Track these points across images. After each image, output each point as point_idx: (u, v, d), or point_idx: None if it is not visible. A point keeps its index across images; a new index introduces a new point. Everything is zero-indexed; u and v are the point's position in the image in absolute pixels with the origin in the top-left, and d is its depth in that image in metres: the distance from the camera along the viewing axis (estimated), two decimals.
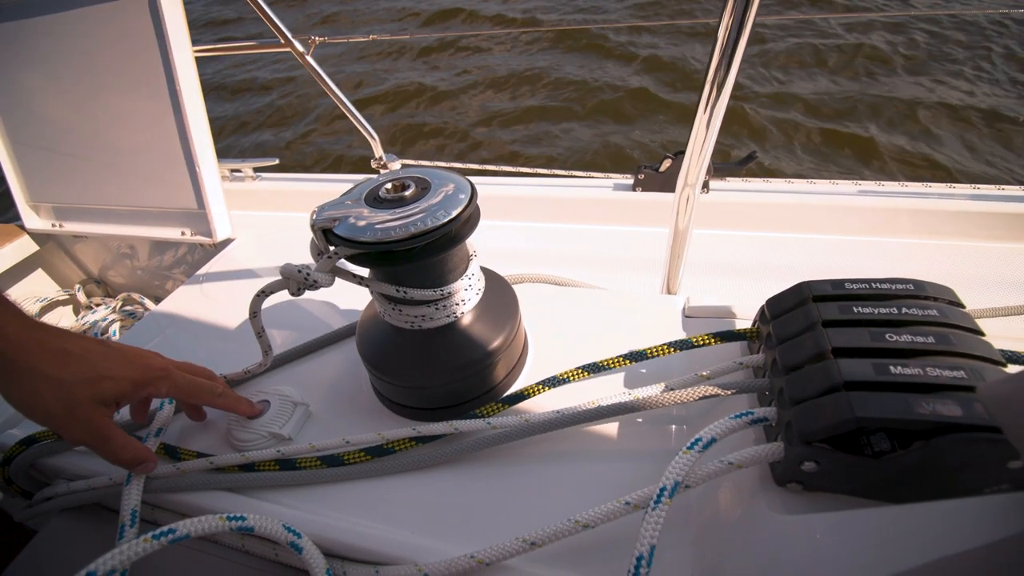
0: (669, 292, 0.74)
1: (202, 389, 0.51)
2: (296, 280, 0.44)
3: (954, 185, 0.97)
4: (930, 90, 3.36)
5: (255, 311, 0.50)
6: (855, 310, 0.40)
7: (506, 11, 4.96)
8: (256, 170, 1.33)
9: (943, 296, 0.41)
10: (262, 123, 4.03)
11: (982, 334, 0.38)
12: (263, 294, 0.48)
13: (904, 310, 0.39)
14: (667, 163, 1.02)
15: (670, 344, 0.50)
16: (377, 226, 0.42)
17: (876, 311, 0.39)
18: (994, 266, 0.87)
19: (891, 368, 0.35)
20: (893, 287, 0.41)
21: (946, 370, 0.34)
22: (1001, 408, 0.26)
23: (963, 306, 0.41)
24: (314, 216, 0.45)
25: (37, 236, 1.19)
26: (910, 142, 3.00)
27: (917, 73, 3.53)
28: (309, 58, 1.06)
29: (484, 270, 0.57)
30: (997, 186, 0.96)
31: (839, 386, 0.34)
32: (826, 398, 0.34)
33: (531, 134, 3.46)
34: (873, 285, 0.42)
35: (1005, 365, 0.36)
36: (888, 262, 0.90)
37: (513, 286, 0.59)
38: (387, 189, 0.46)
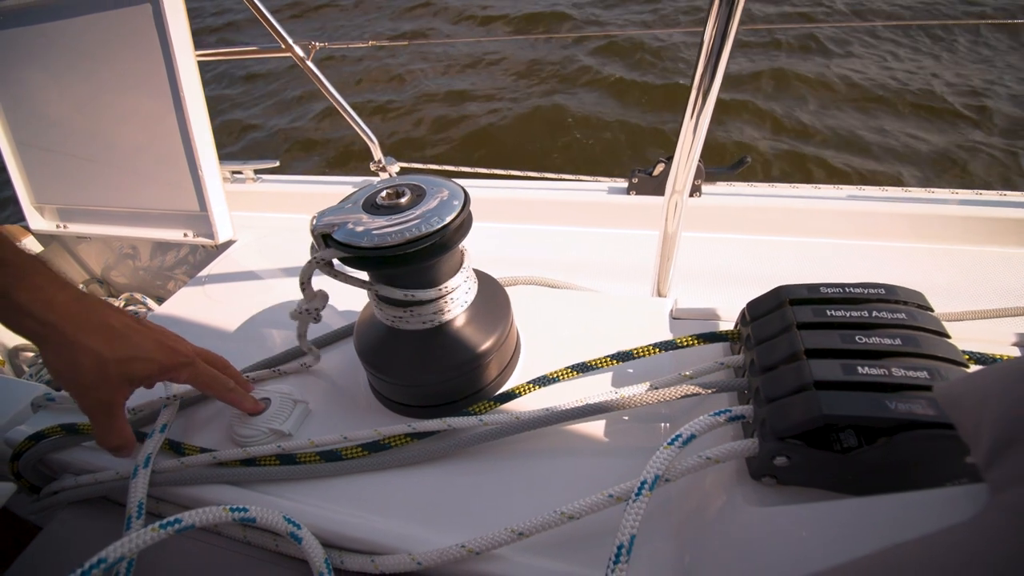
0: (659, 294, 0.76)
1: (217, 382, 0.53)
2: (306, 319, 0.53)
3: (934, 190, 0.99)
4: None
5: (302, 333, 0.58)
6: (828, 313, 0.42)
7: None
8: (256, 172, 1.35)
9: (913, 300, 0.43)
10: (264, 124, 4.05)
11: (948, 336, 0.40)
12: (303, 314, 0.54)
13: (874, 313, 0.41)
14: (660, 167, 1.04)
15: (656, 344, 0.52)
16: (374, 231, 0.44)
17: (848, 314, 0.41)
18: (979, 269, 0.89)
19: (859, 368, 0.37)
20: (865, 291, 0.43)
21: (910, 370, 0.36)
22: (953, 406, 0.28)
23: (932, 310, 0.43)
24: (314, 222, 0.47)
25: (42, 237, 1.21)
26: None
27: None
28: (309, 63, 1.08)
29: (478, 272, 0.59)
30: (976, 191, 0.98)
31: (809, 385, 0.36)
32: (797, 396, 0.36)
33: (529, 136, 3.48)
34: (846, 289, 0.44)
35: (968, 366, 0.38)
36: (874, 265, 0.92)
37: (507, 288, 0.61)
38: (384, 196, 0.48)
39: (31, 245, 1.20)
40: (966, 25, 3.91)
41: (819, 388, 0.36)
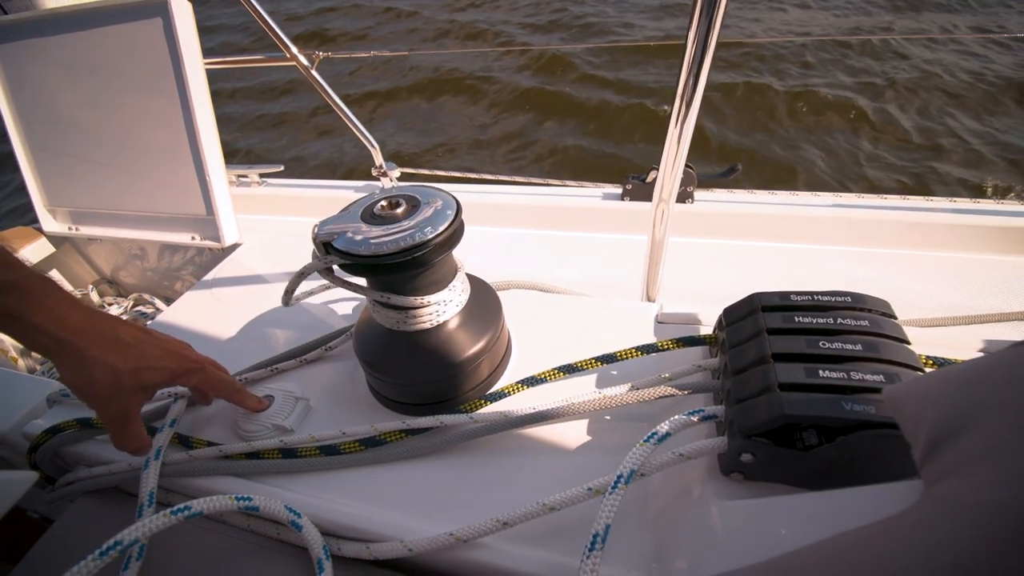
0: (649, 299, 0.78)
1: (224, 385, 0.56)
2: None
3: (932, 198, 1.01)
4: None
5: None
6: (796, 320, 0.44)
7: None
8: (262, 176, 1.38)
9: (878, 308, 0.45)
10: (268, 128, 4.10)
11: (908, 343, 0.42)
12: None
13: (839, 320, 0.44)
14: (653, 174, 1.07)
15: (638, 348, 0.55)
16: (371, 240, 0.47)
17: (815, 321, 0.44)
18: (961, 276, 0.91)
19: (820, 372, 0.39)
20: (833, 299, 0.46)
21: (868, 374, 0.39)
22: (897, 408, 0.31)
23: (895, 317, 0.45)
24: (316, 231, 0.50)
25: (54, 238, 1.24)
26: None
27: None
28: (314, 72, 1.11)
29: (471, 277, 0.62)
30: (973, 199, 1.00)
31: (774, 387, 0.39)
32: (762, 397, 0.39)
33: (527, 142, 3.51)
34: (815, 297, 0.46)
35: (923, 370, 0.40)
36: (860, 272, 0.94)
37: (501, 292, 0.64)
38: (381, 206, 0.51)
39: (43, 247, 1.24)
40: None
41: (783, 390, 0.39)
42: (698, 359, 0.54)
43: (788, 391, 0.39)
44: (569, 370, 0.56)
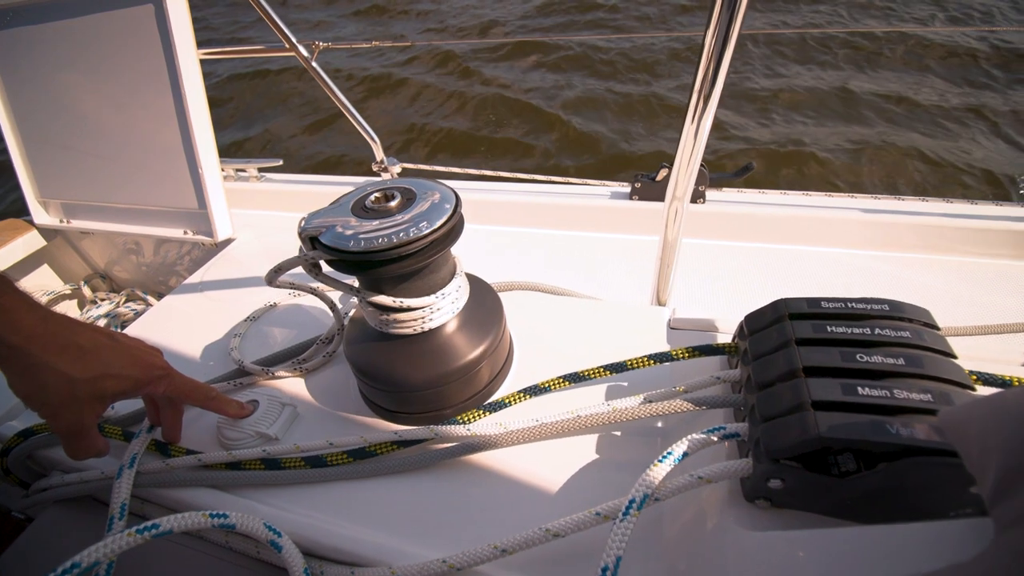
0: (659, 302, 0.74)
1: (197, 391, 0.52)
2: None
3: (952, 200, 0.96)
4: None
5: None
6: (828, 329, 0.40)
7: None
8: (260, 170, 1.35)
9: (918, 317, 0.41)
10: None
11: (954, 356, 0.38)
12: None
13: (877, 331, 0.39)
14: (663, 172, 1.03)
15: (651, 356, 0.51)
16: (361, 236, 0.43)
17: (849, 331, 0.40)
18: (991, 283, 0.86)
19: (859, 389, 0.35)
20: (868, 307, 0.42)
21: (913, 392, 0.34)
22: (957, 433, 0.27)
23: (938, 328, 0.41)
24: (302, 224, 0.46)
25: (45, 231, 1.21)
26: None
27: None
28: (314, 63, 1.08)
29: (470, 277, 0.58)
30: (996, 202, 0.95)
31: (807, 405, 0.35)
32: (793, 416, 0.35)
33: (531, 140, 3.47)
34: (849, 304, 0.42)
35: (974, 388, 0.36)
36: (882, 278, 0.90)
37: (502, 293, 0.60)
38: (374, 199, 0.47)
39: (33, 240, 1.20)
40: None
41: (817, 408, 0.34)
42: (715, 370, 0.50)
43: (823, 410, 0.34)
44: (575, 379, 0.52)
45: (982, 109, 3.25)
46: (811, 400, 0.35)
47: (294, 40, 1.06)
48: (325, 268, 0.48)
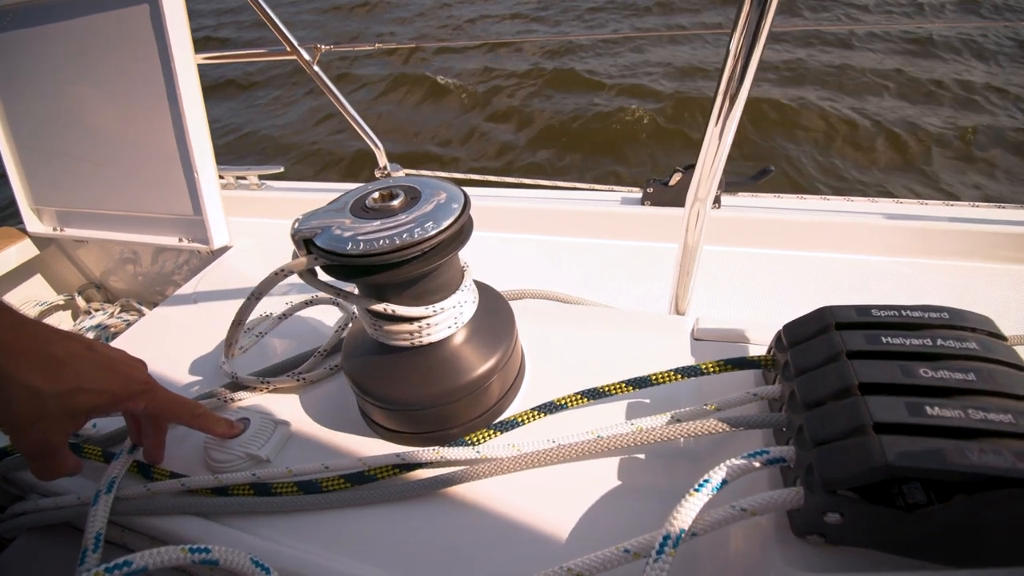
0: (678, 311, 0.70)
1: (182, 408, 0.48)
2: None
3: (979, 204, 0.92)
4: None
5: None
6: (883, 340, 0.36)
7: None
8: (261, 177, 1.32)
9: (982, 327, 0.37)
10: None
11: None
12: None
13: (939, 342, 0.35)
14: (677, 177, 0.99)
15: (677, 370, 0.46)
16: (360, 237, 0.39)
17: (907, 342, 0.35)
18: None
19: (927, 409, 0.31)
20: (926, 315, 0.37)
21: (991, 412, 0.30)
22: None
23: (1004, 338, 0.37)
24: (295, 226, 0.42)
25: (39, 240, 1.18)
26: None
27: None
28: (315, 67, 1.05)
29: (479, 285, 0.54)
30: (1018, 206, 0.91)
31: (868, 427, 0.30)
32: (853, 440, 0.31)
33: (539, 144, 3.46)
34: (903, 312, 0.38)
35: None
36: (911, 284, 0.86)
37: (512, 302, 0.56)
38: (374, 198, 0.43)
39: (26, 249, 1.17)
40: None
41: (879, 431, 0.30)
42: (749, 385, 0.45)
43: (887, 433, 0.30)
44: (594, 395, 0.48)
45: None
46: (873, 422, 0.31)
47: (295, 43, 1.03)
48: (321, 274, 0.44)
